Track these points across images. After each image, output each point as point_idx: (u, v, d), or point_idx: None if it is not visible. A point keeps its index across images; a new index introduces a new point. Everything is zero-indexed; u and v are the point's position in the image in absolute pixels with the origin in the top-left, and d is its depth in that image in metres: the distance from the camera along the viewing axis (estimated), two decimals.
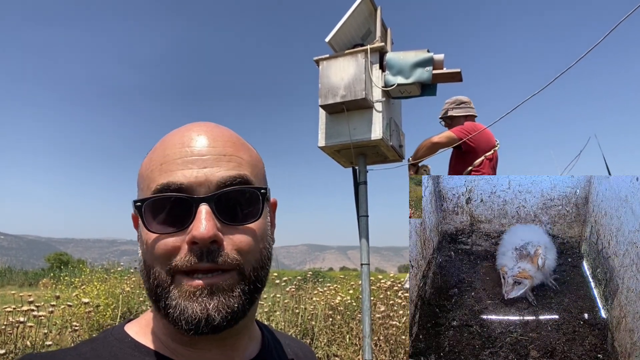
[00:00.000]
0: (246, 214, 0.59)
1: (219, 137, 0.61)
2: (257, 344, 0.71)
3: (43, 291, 7.80)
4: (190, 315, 0.54)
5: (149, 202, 0.57)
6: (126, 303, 4.58)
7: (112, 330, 0.66)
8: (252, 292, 0.59)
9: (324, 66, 2.79)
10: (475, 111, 3.75)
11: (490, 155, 3.46)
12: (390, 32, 3.07)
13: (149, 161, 0.61)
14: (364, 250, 2.82)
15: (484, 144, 3.45)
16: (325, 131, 2.86)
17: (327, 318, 4.06)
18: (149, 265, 0.58)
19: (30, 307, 3.20)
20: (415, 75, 2.72)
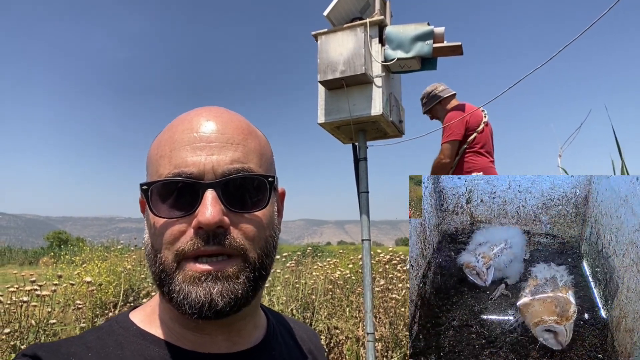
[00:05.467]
0: (253, 201, 0.59)
1: (228, 124, 0.61)
2: (262, 329, 0.71)
3: (44, 269, 7.80)
4: (194, 299, 0.54)
5: (156, 186, 0.57)
6: (128, 280, 4.60)
7: (117, 318, 0.65)
8: (257, 280, 0.59)
9: (322, 41, 2.72)
10: (448, 89, 3.73)
11: (480, 129, 3.48)
12: (389, 5, 2.99)
13: (158, 145, 0.61)
14: (364, 226, 2.78)
15: (472, 123, 3.48)
16: (325, 107, 2.80)
17: (327, 292, 4.10)
18: (156, 250, 0.58)
19: (33, 286, 3.20)
20: (416, 49, 2.65)
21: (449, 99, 3.67)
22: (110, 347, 0.59)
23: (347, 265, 4.88)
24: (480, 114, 3.52)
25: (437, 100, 3.68)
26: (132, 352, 0.59)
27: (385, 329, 3.58)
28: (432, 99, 3.72)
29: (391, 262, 4.38)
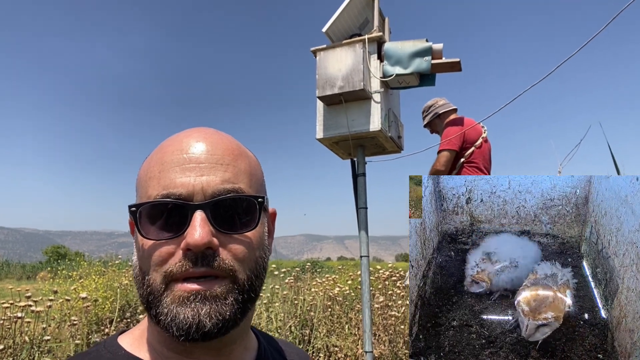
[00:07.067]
0: (242, 222, 0.59)
1: (218, 144, 0.61)
2: (252, 351, 0.71)
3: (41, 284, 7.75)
4: (182, 321, 0.53)
5: (145, 208, 0.57)
6: (124, 296, 4.57)
7: (104, 343, 0.65)
8: (246, 302, 0.58)
9: (321, 57, 2.74)
10: (448, 104, 3.77)
11: (479, 144, 3.50)
12: (387, 22, 3.01)
13: (148, 166, 0.61)
14: (363, 242, 2.79)
15: (471, 137, 3.51)
16: (323, 123, 2.81)
17: (326, 309, 4.06)
18: (144, 272, 0.57)
19: (28, 302, 3.18)
20: (414, 65, 2.66)
21: (449, 113, 3.72)
22: None
23: (347, 282, 4.85)
24: (479, 129, 3.55)
25: (437, 114, 3.73)
26: None
27: (384, 347, 3.52)
28: (432, 112, 3.76)
29: (391, 278, 4.32)
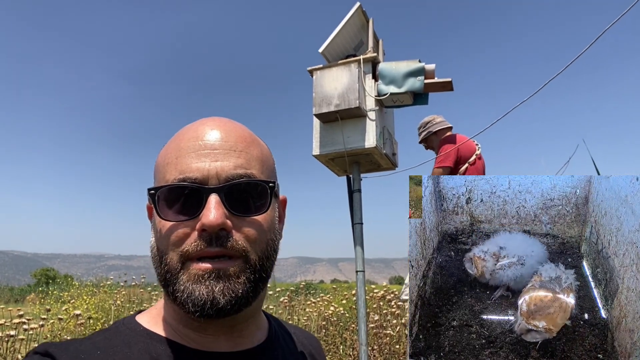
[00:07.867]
0: (254, 206, 0.62)
1: (231, 132, 0.64)
2: (264, 331, 0.74)
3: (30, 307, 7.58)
4: (197, 297, 0.56)
5: (163, 191, 0.60)
6: (117, 317, 4.55)
7: (123, 320, 0.68)
8: (257, 281, 0.61)
9: (317, 76, 2.82)
10: (444, 122, 3.88)
11: (472, 161, 3.57)
12: (382, 43, 3.10)
13: (165, 153, 0.64)
14: (359, 257, 2.84)
15: (465, 154, 3.59)
16: (320, 140, 2.89)
17: (320, 329, 4.06)
18: (162, 252, 0.61)
19: (21, 320, 3.18)
20: (408, 84, 2.75)
21: (445, 130, 3.81)
22: (118, 346, 0.61)
23: (341, 302, 4.85)
24: (473, 146, 3.62)
25: (433, 130, 3.81)
26: (139, 351, 0.61)
27: None
28: (428, 129, 3.86)
29: (385, 298, 4.35)
